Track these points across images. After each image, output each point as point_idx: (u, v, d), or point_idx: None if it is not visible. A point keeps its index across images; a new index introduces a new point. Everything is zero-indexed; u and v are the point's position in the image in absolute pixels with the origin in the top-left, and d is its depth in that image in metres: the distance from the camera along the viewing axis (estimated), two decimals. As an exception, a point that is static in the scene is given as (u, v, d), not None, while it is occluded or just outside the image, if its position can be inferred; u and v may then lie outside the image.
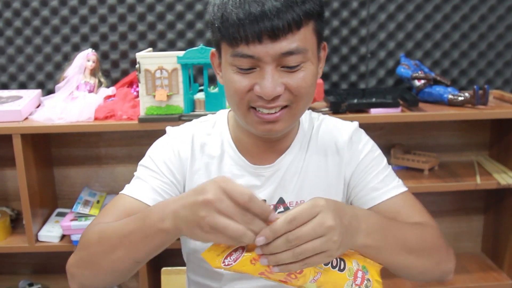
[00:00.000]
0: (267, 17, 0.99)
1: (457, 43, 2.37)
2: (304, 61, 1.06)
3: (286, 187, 1.24)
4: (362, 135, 1.30)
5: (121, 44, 2.28)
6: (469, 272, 2.38)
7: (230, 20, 1.02)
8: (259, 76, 1.05)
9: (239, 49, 1.03)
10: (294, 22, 1.01)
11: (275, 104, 1.07)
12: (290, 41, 1.02)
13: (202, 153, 1.25)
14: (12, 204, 2.37)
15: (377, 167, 1.25)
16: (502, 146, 2.35)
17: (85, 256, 1.07)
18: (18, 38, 2.26)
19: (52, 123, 2.00)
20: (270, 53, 1.02)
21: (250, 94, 1.07)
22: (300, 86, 1.07)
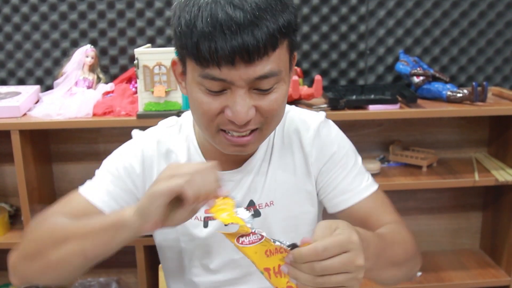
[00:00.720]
0: (240, 35, 0.91)
1: (456, 40, 2.37)
2: (277, 82, 1.00)
3: (255, 189, 1.20)
4: (329, 129, 1.23)
5: (120, 40, 2.28)
6: (467, 269, 2.39)
7: (201, 40, 0.93)
8: (230, 99, 0.98)
9: (209, 71, 0.95)
10: (269, 42, 0.93)
11: (246, 128, 1.02)
12: (265, 64, 0.95)
13: (168, 159, 1.20)
14: (10, 200, 2.37)
15: (346, 165, 1.21)
16: (501, 143, 2.35)
17: (32, 248, 1.03)
18: (17, 34, 2.25)
19: (51, 119, 1.99)
20: (243, 78, 0.95)
21: (220, 117, 1.01)
22: (271, 109, 1.02)
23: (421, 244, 2.54)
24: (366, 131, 2.38)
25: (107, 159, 1.21)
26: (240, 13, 0.91)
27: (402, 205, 2.49)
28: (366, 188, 1.21)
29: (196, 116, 1.06)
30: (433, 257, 2.49)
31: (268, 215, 1.20)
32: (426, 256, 2.49)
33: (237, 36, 0.91)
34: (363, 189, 1.20)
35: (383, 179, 2.19)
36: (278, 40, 0.95)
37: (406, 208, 2.50)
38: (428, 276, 2.34)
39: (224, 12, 0.91)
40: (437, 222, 2.54)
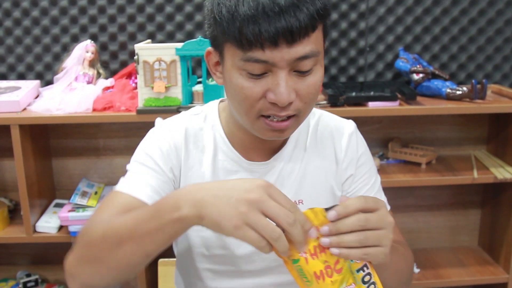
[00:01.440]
0: (283, 17, 0.93)
1: (456, 37, 2.37)
2: (316, 64, 1.02)
3: (283, 185, 1.20)
4: (358, 139, 1.27)
5: (120, 36, 2.28)
6: (466, 266, 2.39)
7: (244, 23, 0.95)
8: (272, 82, 1.00)
9: (252, 54, 0.97)
10: (310, 24, 0.96)
11: (287, 112, 1.03)
12: (305, 44, 0.97)
13: (196, 148, 1.20)
14: (10, 194, 2.37)
15: (369, 180, 1.25)
16: (500, 140, 2.35)
17: (88, 253, 0.99)
18: (17, 29, 2.25)
19: (51, 114, 2.00)
20: (285, 58, 0.97)
21: (261, 102, 1.02)
22: (310, 92, 1.03)
23: (420, 241, 2.55)
24: (365, 128, 2.38)
25: (138, 154, 1.18)
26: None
27: (401, 202, 2.49)
28: (386, 205, 1.24)
29: (237, 103, 1.06)
30: (431, 254, 2.49)
31: None
32: (424, 253, 2.50)
33: (280, 17, 0.93)
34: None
35: (382, 176, 2.15)
36: (317, 21, 0.97)
37: (405, 205, 2.50)
38: (426, 273, 2.34)
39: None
40: (435, 219, 2.54)
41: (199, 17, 2.27)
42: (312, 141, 1.24)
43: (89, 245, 0.99)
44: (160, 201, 0.93)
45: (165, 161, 1.16)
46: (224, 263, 1.23)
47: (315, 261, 0.86)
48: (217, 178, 1.18)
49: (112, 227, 0.97)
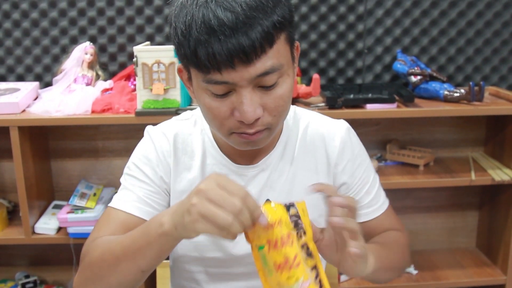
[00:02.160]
0: (235, 37, 0.91)
1: (453, 39, 2.38)
2: (280, 77, 1.00)
3: (273, 188, 1.21)
4: (352, 140, 1.26)
5: (119, 38, 2.29)
6: (464, 268, 2.40)
7: (198, 48, 0.93)
8: (236, 100, 0.99)
9: (210, 76, 0.96)
10: (265, 40, 0.93)
11: (256, 127, 1.02)
12: (264, 61, 0.95)
13: (185, 154, 1.21)
14: (9, 196, 2.37)
15: (368, 179, 1.26)
16: (497, 142, 2.36)
17: (90, 274, 1.05)
18: (16, 31, 2.26)
19: (50, 115, 2.00)
20: (245, 78, 0.95)
21: (230, 120, 1.02)
22: (278, 105, 1.02)
23: (418, 243, 2.56)
24: (363, 130, 2.38)
25: (129, 166, 1.22)
26: (231, 16, 0.91)
27: (399, 204, 2.50)
28: (383, 204, 1.28)
29: (208, 120, 1.07)
30: (429, 255, 2.50)
31: None
32: (422, 254, 2.51)
33: (232, 38, 0.91)
34: (382, 204, 1.28)
35: (381, 178, 2.13)
36: (274, 36, 0.95)
37: (403, 207, 2.51)
38: (425, 274, 2.35)
39: (216, 17, 0.91)
40: (433, 221, 2.55)
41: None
42: (302, 145, 1.23)
43: (90, 266, 1.05)
44: (150, 220, 0.97)
45: (154, 170, 1.19)
46: (217, 265, 1.24)
47: (277, 252, 0.89)
48: None
49: (109, 247, 1.03)
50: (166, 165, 1.20)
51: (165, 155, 1.20)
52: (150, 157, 1.20)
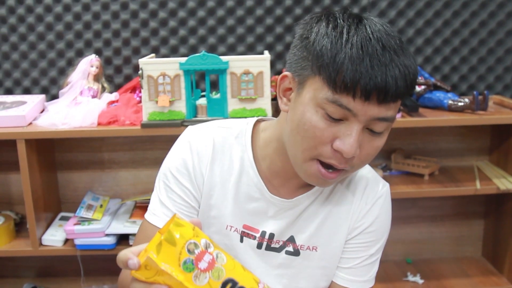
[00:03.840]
0: (387, 78, 0.92)
1: (457, 49, 2.39)
2: (387, 129, 1.01)
3: (300, 228, 1.19)
4: (386, 203, 1.23)
5: (124, 50, 2.30)
6: (470, 276, 2.40)
7: (347, 65, 0.92)
8: (345, 131, 0.97)
9: (340, 98, 0.95)
10: (401, 93, 0.95)
11: (345, 165, 1.01)
12: (389, 108, 0.96)
13: (222, 166, 1.17)
14: (16, 208, 2.39)
15: (368, 249, 1.22)
16: (502, 151, 2.36)
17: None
18: (22, 44, 2.28)
19: (56, 128, 2.02)
20: (368, 114, 0.95)
21: (326, 147, 1.00)
22: (370, 154, 1.02)
23: (423, 252, 2.56)
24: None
25: (164, 167, 1.19)
26: (392, 51, 0.94)
27: (404, 213, 2.50)
28: (364, 283, 1.23)
29: (300, 137, 1.02)
30: (435, 264, 2.50)
31: (308, 259, 1.20)
32: (428, 263, 2.51)
33: (385, 73, 0.93)
34: (362, 282, 1.23)
35: None
36: (406, 93, 0.97)
37: (408, 216, 2.51)
38: (430, 284, 2.35)
39: (374, 47, 0.93)
40: (439, 230, 2.55)
41: (203, 31, 2.29)
42: (342, 189, 1.20)
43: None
44: None
45: (192, 182, 1.16)
46: None
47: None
48: (238, 203, 1.17)
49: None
50: (200, 174, 1.16)
51: (202, 164, 1.16)
52: (188, 167, 1.16)
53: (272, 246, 1.19)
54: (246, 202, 1.17)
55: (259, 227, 1.18)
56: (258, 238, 1.18)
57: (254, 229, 1.18)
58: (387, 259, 2.50)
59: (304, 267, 1.20)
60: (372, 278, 1.25)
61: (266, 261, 1.19)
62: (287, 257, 1.19)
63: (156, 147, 2.34)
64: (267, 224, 1.18)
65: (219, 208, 1.17)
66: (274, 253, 1.19)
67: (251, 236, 1.18)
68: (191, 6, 2.27)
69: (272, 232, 1.18)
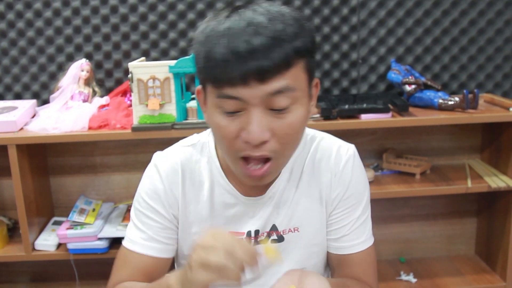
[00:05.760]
0: (254, 57, 0.92)
1: (447, 48, 2.39)
2: (293, 103, 0.99)
3: (279, 215, 1.21)
4: (356, 169, 1.23)
5: (115, 54, 2.31)
6: (463, 275, 2.40)
7: (214, 60, 0.95)
8: (246, 119, 0.99)
9: (224, 91, 0.97)
10: (283, 62, 0.94)
11: (262, 152, 1.01)
12: (279, 80, 0.95)
13: (193, 185, 1.21)
14: (9, 213, 2.39)
15: (354, 212, 1.23)
16: (493, 149, 2.37)
17: None
18: (13, 49, 2.28)
19: (47, 133, 2.02)
20: (257, 95, 0.96)
21: (238, 142, 1.01)
22: (287, 133, 1.01)
23: (416, 251, 2.56)
24: (359, 139, 2.40)
25: (138, 199, 1.23)
26: (255, 39, 0.93)
27: (397, 212, 2.51)
28: (362, 243, 1.24)
29: (218, 141, 1.07)
30: (428, 263, 2.50)
31: (292, 241, 1.23)
32: (421, 262, 2.51)
33: (252, 58, 0.93)
34: (360, 243, 1.24)
35: (377, 187, 2.21)
36: (293, 59, 0.96)
37: (400, 215, 2.52)
38: (424, 282, 2.35)
39: (241, 39, 0.93)
40: (431, 229, 2.55)
41: (192, 33, 2.30)
42: (309, 167, 1.22)
43: None
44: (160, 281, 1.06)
45: (163, 205, 1.20)
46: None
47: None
48: (215, 213, 1.21)
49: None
50: (173, 198, 1.20)
51: (173, 188, 1.20)
52: (158, 191, 1.20)
53: (259, 240, 1.22)
54: (224, 210, 1.20)
55: (243, 229, 1.21)
56: (245, 239, 1.20)
57: (240, 233, 1.21)
58: (380, 258, 2.51)
59: (291, 249, 1.23)
60: (369, 237, 1.25)
61: None
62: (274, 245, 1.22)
63: (147, 150, 2.34)
64: (250, 224, 1.21)
65: (199, 224, 1.21)
66: (260, 246, 1.21)
67: None
68: (181, 9, 2.27)
69: (256, 229, 1.21)
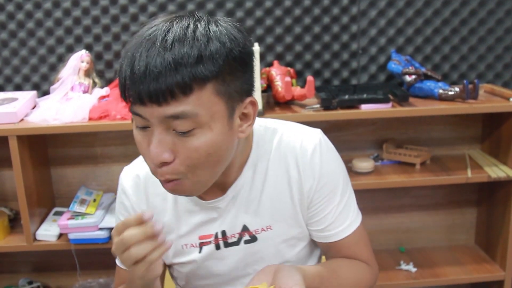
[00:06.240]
0: (146, 80, 0.91)
1: (448, 38, 2.39)
2: (198, 127, 0.97)
3: (247, 213, 1.20)
4: (324, 155, 1.19)
5: (115, 45, 2.31)
6: (463, 264, 2.41)
7: (120, 79, 0.96)
8: (150, 137, 0.98)
9: (131, 106, 0.97)
10: (178, 88, 0.92)
11: (166, 175, 1.01)
12: (175, 106, 0.93)
13: (157, 196, 1.22)
14: (10, 204, 2.40)
15: (333, 199, 1.20)
16: (493, 139, 2.37)
17: None
18: (13, 41, 2.28)
19: (47, 124, 2.02)
20: (154, 115, 0.95)
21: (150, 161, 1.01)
22: (190, 156, 0.98)
23: (416, 241, 2.57)
24: (359, 130, 2.40)
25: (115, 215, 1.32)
26: (154, 61, 0.91)
27: (397, 202, 2.51)
28: (348, 227, 1.23)
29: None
30: (428, 253, 2.51)
31: (266, 239, 1.22)
32: (421, 252, 2.52)
33: (146, 82, 0.92)
34: (345, 228, 1.23)
35: (377, 177, 2.21)
36: (192, 85, 0.93)
37: (400, 205, 2.52)
38: (424, 272, 2.36)
39: (142, 59, 0.92)
40: (431, 219, 2.56)
41: (193, 24, 2.29)
42: (275, 163, 1.19)
43: None
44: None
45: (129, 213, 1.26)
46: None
47: None
48: (181, 222, 1.23)
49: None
50: (136, 204, 1.25)
51: (139, 203, 1.24)
52: (127, 208, 1.26)
53: (230, 241, 1.22)
54: (189, 217, 1.22)
55: (211, 232, 1.22)
56: (213, 240, 1.22)
57: (208, 236, 1.23)
58: (380, 248, 2.52)
59: (266, 248, 1.23)
60: (355, 218, 1.24)
61: (230, 258, 1.24)
62: (247, 246, 1.22)
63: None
64: (216, 226, 1.22)
65: (168, 234, 1.23)
66: (234, 247, 1.23)
67: (207, 242, 1.23)
68: (180, 0, 2.27)
69: (223, 230, 1.21)
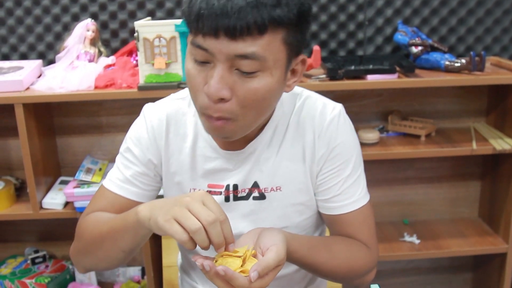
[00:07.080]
0: (227, 13, 0.92)
1: (455, 10, 2.37)
2: (262, 70, 0.98)
3: (261, 171, 1.21)
4: (341, 127, 1.21)
5: (120, 14, 2.30)
6: (466, 237, 2.42)
7: (193, 9, 0.96)
8: (211, 73, 0.99)
9: (197, 39, 0.97)
10: (255, 26, 0.93)
11: (219, 112, 1.01)
12: (249, 44, 0.95)
13: (177, 136, 1.23)
14: (16, 173, 2.41)
15: (344, 171, 1.21)
16: (499, 112, 2.36)
17: (82, 246, 1.20)
18: (18, 9, 2.27)
19: (53, 92, 2.02)
20: (223, 51, 0.95)
21: (202, 95, 1.02)
22: (248, 98, 1.00)
23: (420, 213, 2.59)
24: (365, 101, 2.40)
25: (123, 144, 1.28)
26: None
27: (401, 175, 2.52)
28: (354, 203, 1.24)
29: (189, 91, 1.07)
30: (431, 225, 2.52)
31: (274, 200, 1.23)
32: (425, 224, 2.53)
33: (224, 10, 0.92)
34: (350, 203, 1.23)
35: (382, 149, 2.21)
36: (268, 25, 0.94)
37: (405, 177, 2.53)
38: (427, 243, 2.38)
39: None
40: (435, 191, 2.57)
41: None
42: (293, 126, 1.21)
43: (82, 238, 1.20)
44: (131, 209, 1.06)
45: (143, 153, 1.24)
46: None
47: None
48: (196, 165, 1.23)
49: (98, 225, 1.15)
50: (156, 147, 1.24)
51: (156, 137, 1.24)
52: (141, 138, 1.24)
53: (239, 195, 1.23)
54: (204, 163, 1.23)
55: (223, 183, 1.23)
56: (224, 192, 1.23)
57: (219, 186, 1.23)
58: (383, 220, 2.53)
59: (273, 208, 1.24)
60: (363, 196, 1.25)
61: (237, 212, 1.24)
62: (255, 202, 1.23)
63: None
64: (229, 178, 1.22)
65: (181, 174, 1.24)
66: (243, 202, 1.24)
67: (217, 192, 1.23)
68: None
69: (235, 183, 1.22)
